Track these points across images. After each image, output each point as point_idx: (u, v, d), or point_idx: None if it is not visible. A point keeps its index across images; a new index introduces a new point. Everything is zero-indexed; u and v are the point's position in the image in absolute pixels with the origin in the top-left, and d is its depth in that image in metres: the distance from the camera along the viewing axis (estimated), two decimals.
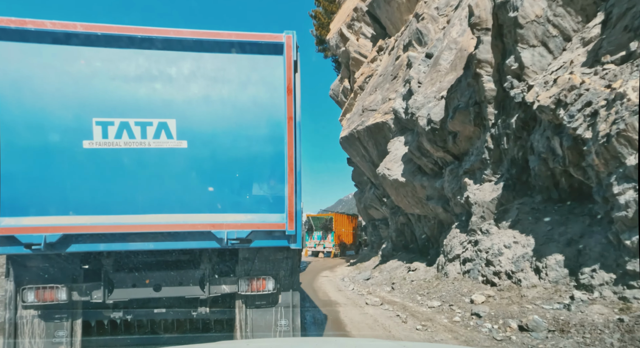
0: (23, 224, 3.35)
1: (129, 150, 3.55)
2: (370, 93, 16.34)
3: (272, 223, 3.75)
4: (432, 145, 10.00)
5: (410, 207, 12.36)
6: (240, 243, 3.69)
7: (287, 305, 4.13)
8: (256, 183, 3.79)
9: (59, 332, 3.72)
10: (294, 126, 3.83)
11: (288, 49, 3.85)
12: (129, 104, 3.59)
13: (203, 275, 3.95)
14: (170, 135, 3.63)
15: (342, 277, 13.93)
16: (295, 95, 3.88)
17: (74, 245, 3.45)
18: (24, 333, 3.65)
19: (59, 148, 3.44)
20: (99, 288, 3.75)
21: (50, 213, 3.42)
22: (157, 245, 3.60)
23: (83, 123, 3.49)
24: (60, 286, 3.62)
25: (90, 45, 3.57)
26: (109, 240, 3.51)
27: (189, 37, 3.71)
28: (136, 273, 3.86)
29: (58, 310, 3.71)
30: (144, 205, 3.58)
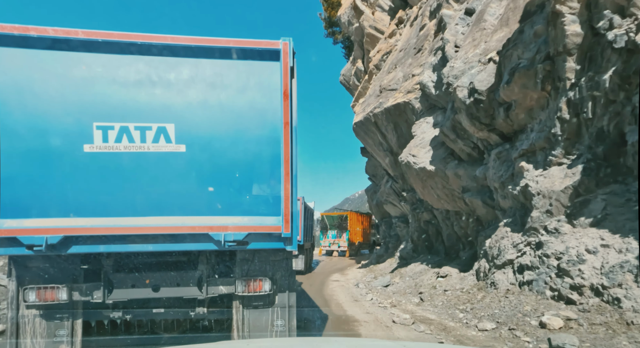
0: (25, 226, 3.43)
1: (128, 154, 3.63)
2: (388, 71, 14.46)
3: (268, 226, 3.83)
4: (473, 122, 8.08)
5: (438, 202, 10.66)
6: (237, 246, 3.77)
7: (284, 305, 4.21)
8: (253, 187, 3.87)
9: (59, 331, 3.80)
10: (290, 131, 3.91)
11: (285, 55, 3.93)
12: (128, 109, 3.67)
13: (201, 276, 4.04)
14: (169, 140, 3.71)
15: (355, 281, 12.82)
16: (292, 100, 3.97)
17: (75, 247, 3.54)
18: (25, 333, 3.73)
19: (60, 151, 3.53)
20: (99, 289, 3.83)
21: (51, 215, 3.50)
22: (156, 246, 3.68)
23: (84, 127, 3.57)
24: (61, 286, 3.70)
25: (91, 51, 3.65)
26: (109, 242, 3.60)
27: (187, 44, 3.79)
28: (135, 274, 3.94)
29: (59, 310, 3.79)
30: (143, 207, 3.66)
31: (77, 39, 3.61)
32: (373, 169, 19.80)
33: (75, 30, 3.63)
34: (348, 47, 23.37)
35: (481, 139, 8.47)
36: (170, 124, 3.73)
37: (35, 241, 3.40)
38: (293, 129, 3.94)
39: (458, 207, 10.08)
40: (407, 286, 9.78)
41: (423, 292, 8.53)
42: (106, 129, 3.61)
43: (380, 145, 14.51)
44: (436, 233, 12.23)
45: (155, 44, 3.73)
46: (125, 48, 3.70)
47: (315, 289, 11.07)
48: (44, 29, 3.58)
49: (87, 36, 3.63)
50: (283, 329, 4.16)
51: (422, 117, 11.21)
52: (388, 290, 10.01)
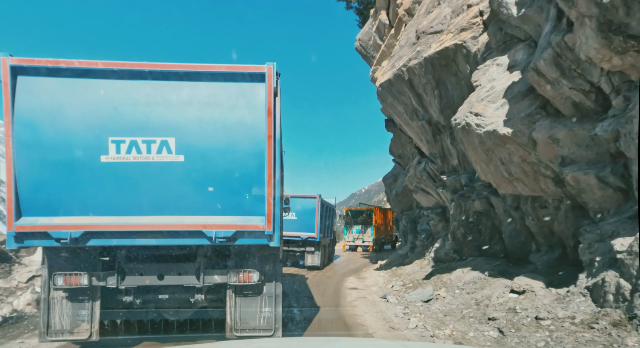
0: (54, 222, 4.21)
1: (136, 164, 4.36)
2: (428, 11, 11.28)
3: (253, 225, 4.46)
4: (610, 38, 4.60)
5: (508, 183, 7.37)
6: (227, 241, 4.42)
7: (271, 295, 4.83)
8: (241, 191, 4.52)
9: (82, 311, 4.57)
10: (273, 143, 4.54)
11: (269, 78, 4.57)
12: (137, 125, 4.40)
13: (199, 267, 4.72)
14: (170, 151, 4.42)
15: (378, 289, 10.31)
16: (275, 116, 4.60)
17: (93, 240, 4.30)
18: (54, 311, 4.52)
19: (82, 162, 4.29)
20: (113, 276, 4.58)
21: (74, 214, 4.27)
22: (158, 241, 4.39)
23: (101, 141, 4.32)
24: (82, 273, 4.47)
25: (107, 78, 4.42)
26: (120, 237, 4.33)
27: (186, 70, 4.50)
28: (143, 264, 4.67)
29: (81, 293, 4.57)
30: (148, 208, 4.38)
31: (97, 69, 4.38)
32: (400, 148, 15.81)
33: (95, 62, 4.41)
34: (362, 13, 20.23)
35: (614, 73, 5.07)
36: (172, 137, 4.44)
37: (62, 235, 4.18)
38: (275, 141, 4.57)
39: (542, 190, 6.97)
40: (462, 304, 6.81)
41: (497, 318, 5.63)
42: (119, 143, 4.35)
43: (414, 113, 11.17)
44: (492, 228, 9.18)
45: (159, 70, 4.46)
46: (134, 74, 4.45)
47: (328, 301, 8.59)
48: (70, 61, 4.37)
49: (104, 66, 4.39)
50: (270, 315, 4.78)
51: (490, 58, 7.90)
52: (434, 309, 6.99)
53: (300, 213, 14.25)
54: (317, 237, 14.39)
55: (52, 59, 4.34)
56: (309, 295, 9.28)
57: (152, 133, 4.42)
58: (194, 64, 4.53)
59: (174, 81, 4.52)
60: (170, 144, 4.43)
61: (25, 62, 4.27)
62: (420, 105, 10.81)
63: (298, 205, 13.88)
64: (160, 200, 4.41)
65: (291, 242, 14.55)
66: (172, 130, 4.45)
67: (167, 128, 4.44)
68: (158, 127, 4.43)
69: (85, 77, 4.39)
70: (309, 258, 14.69)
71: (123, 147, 4.36)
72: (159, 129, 4.43)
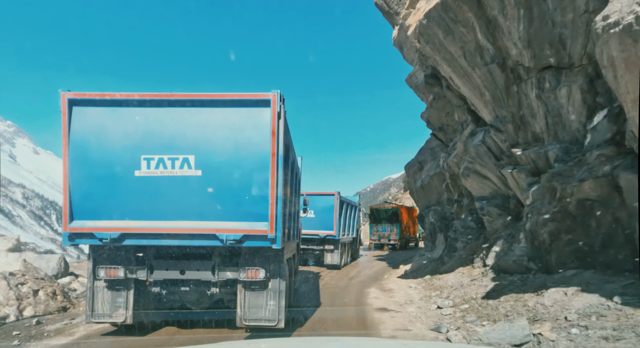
0: (97, 225, 5.19)
1: (163, 177, 5.26)
2: None
3: (258, 229, 5.23)
4: None
5: None
6: (236, 243, 5.22)
7: (275, 290, 5.56)
8: (248, 200, 5.30)
9: (119, 299, 5.52)
10: (276, 160, 5.29)
11: (273, 103, 5.34)
12: (164, 145, 5.31)
13: (214, 265, 5.54)
14: (190, 166, 5.28)
15: (418, 311, 7.36)
16: (279, 136, 5.36)
17: (127, 240, 5.23)
18: (97, 298, 5.50)
19: (119, 175, 5.25)
20: (143, 270, 5.49)
21: (113, 218, 5.23)
22: (180, 242, 5.26)
23: (135, 159, 5.26)
24: (119, 267, 5.41)
25: (141, 106, 5.37)
26: (149, 238, 5.24)
27: (205, 98, 5.37)
28: (168, 261, 5.56)
29: (118, 284, 5.52)
30: (171, 214, 5.26)
31: (133, 99, 5.34)
32: (443, 117, 11.81)
33: (132, 94, 5.38)
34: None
35: None
36: (192, 155, 5.30)
37: (103, 236, 5.15)
38: (278, 158, 5.32)
39: None
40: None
41: None
42: (149, 160, 5.27)
43: (478, 54, 7.88)
44: (611, 225, 6.05)
45: (182, 99, 5.36)
46: (163, 103, 5.37)
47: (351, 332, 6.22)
48: (112, 94, 5.37)
49: (139, 97, 5.35)
50: (274, 308, 5.50)
51: None
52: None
53: (319, 210, 13.65)
54: (336, 235, 14.11)
55: (99, 92, 5.36)
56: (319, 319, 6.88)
57: (176, 151, 5.31)
58: (211, 93, 5.39)
59: (194, 108, 5.40)
60: (190, 160, 5.29)
61: (78, 96, 5.31)
62: (489, 40, 7.52)
63: (316, 202, 13.31)
64: (181, 208, 5.28)
65: (309, 240, 14.02)
66: (192, 148, 5.32)
67: (188, 147, 5.32)
68: (181, 146, 5.32)
69: (123, 106, 5.37)
70: (328, 256, 14.47)
71: (152, 164, 5.27)
72: (182, 148, 5.31)
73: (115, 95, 5.34)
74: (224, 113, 5.40)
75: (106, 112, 5.36)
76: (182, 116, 5.38)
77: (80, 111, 5.32)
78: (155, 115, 5.38)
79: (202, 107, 5.40)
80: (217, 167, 5.31)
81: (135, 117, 5.37)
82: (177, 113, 5.38)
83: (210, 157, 5.32)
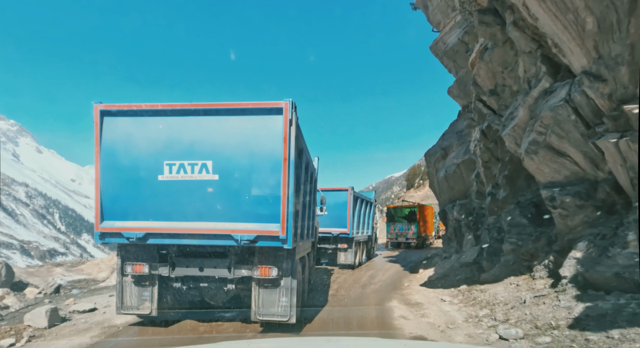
0: (125, 226, 5.68)
1: (183, 181, 5.68)
2: None
3: (270, 230, 5.57)
4: None
5: None
6: (249, 243, 5.58)
7: (287, 287, 5.89)
8: (262, 203, 5.65)
9: (144, 293, 6.00)
10: (288, 165, 5.62)
11: (285, 111, 5.66)
12: (184, 151, 5.73)
13: (230, 263, 5.93)
14: (208, 171, 5.68)
15: None
16: (290, 143, 5.68)
17: (151, 239, 5.70)
18: (125, 292, 6.00)
19: (145, 179, 5.71)
20: (166, 267, 5.95)
21: (139, 219, 5.71)
22: (198, 241, 5.68)
23: (158, 164, 5.71)
24: (144, 264, 5.89)
25: (164, 115, 5.81)
26: (170, 237, 5.68)
27: (221, 107, 5.76)
28: (189, 259, 5.99)
29: (144, 279, 6.00)
30: (191, 215, 5.68)
31: (157, 109, 5.80)
32: (498, 74, 8.89)
33: (156, 104, 5.83)
34: None
35: None
36: (210, 160, 5.71)
37: (130, 235, 5.63)
38: (290, 163, 5.64)
39: None
40: None
41: None
42: (171, 165, 5.71)
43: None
44: None
45: (201, 108, 5.77)
46: (183, 112, 5.79)
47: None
48: (139, 104, 5.84)
49: (163, 107, 5.80)
50: (286, 304, 5.84)
51: None
52: None
53: (331, 207, 12.46)
54: (350, 233, 13.49)
55: (126, 104, 5.85)
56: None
57: (196, 157, 5.72)
58: (228, 103, 5.76)
59: (212, 116, 5.80)
60: (208, 165, 5.70)
61: (109, 107, 5.81)
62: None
63: (328, 198, 12.05)
64: (200, 210, 5.69)
65: (321, 238, 13.19)
66: (210, 154, 5.72)
67: (206, 153, 5.72)
68: (200, 153, 5.72)
69: (148, 116, 5.83)
70: (341, 256, 13.94)
71: (174, 169, 5.71)
72: (200, 154, 5.72)
73: (141, 106, 5.80)
74: (240, 121, 5.77)
75: (133, 122, 5.84)
76: (200, 124, 5.79)
77: (111, 121, 5.83)
78: (176, 124, 5.81)
79: (219, 116, 5.79)
80: (232, 171, 5.68)
81: (158, 126, 5.82)
82: (196, 121, 5.79)
83: (227, 162, 5.70)
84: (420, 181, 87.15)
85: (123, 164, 5.75)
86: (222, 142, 5.74)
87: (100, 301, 8.00)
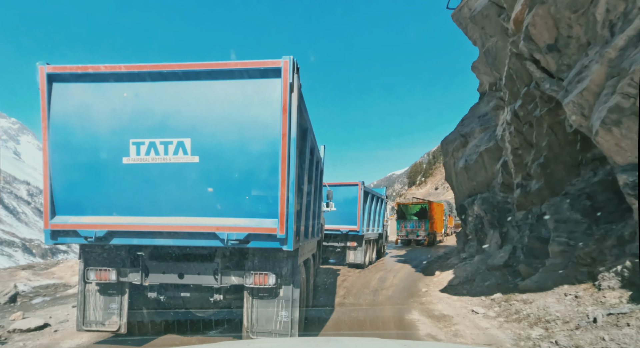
0: (82, 222, 4.46)
1: (154, 165, 4.42)
2: None
3: (266, 227, 4.30)
4: None
5: None
6: (239, 244, 4.32)
7: (288, 298, 4.65)
8: (254, 192, 4.37)
9: (112, 305, 4.82)
10: (288, 142, 4.30)
11: (285, 72, 4.33)
12: (156, 127, 4.45)
13: (216, 268, 4.70)
14: (185, 152, 4.41)
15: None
16: (291, 113, 4.35)
17: (115, 239, 4.47)
18: (88, 303, 4.82)
19: (106, 163, 4.46)
20: (138, 273, 4.74)
21: (100, 213, 4.48)
22: (175, 241, 4.43)
23: (123, 143, 4.45)
24: (111, 269, 4.69)
25: (129, 81, 4.52)
26: (140, 236, 4.45)
27: (202, 69, 4.43)
28: (165, 263, 4.77)
29: (111, 288, 4.81)
30: (165, 208, 4.43)
31: (119, 72, 4.50)
32: (558, 21, 6.53)
33: (118, 65, 4.53)
34: None
35: None
36: (187, 138, 4.42)
37: (88, 234, 4.42)
38: (290, 140, 4.32)
39: None
40: None
41: None
42: (139, 145, 4.44)
43: None
44: None
45: (175, 71, 4.44)
46: (153, 76, 4.48)
47: None
48: (97, 66, 4.54)
49: (127, 69, 4.49)
50: (286, 320, 4.61)
51: None
52: None
53: (340, 203, 12.01)
54: (360, 231, 12.73)
55: (81, 65, 4.55)
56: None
57: (169, 134, 4.44)
58: (210, 62, 4.44)
59: (191, 81, 4.48)
60: (186, 144, 4.42)
61: (59, 69, 4.53)
62: None
63: (337, 194, 11.71)
64: (176, 201, 4.44)
65: (330, 236, 12.75)
66: (188, 130, 4.43)
67: (183, 129, 4.43)
68: (175, 128, 4.44)
69: (109, 81, 4.54)
70: (350, 254, 13.17)
71: (142, 149, 4.44)
72: (176, 130, 4.44)
73: (100, 68, 4.51)
74: (226, 87, 4.45)
75: (90, 89, 4.56)
76: (176, 91, 4.49)
77: (62, 88, 4.56)
78: (145, 91, 4.52)
79: (200, 80, 4.47)
80: (216, 152, 4.40)
81: (122, 94, 4.53)
82: (170, 88, 4.49)
83: (209, 140, 4.41)
84: (422, 178, 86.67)
85: (78, 144, 4.50)
86: (204, 115, 4.44)
87: (59, 314, 6.65)
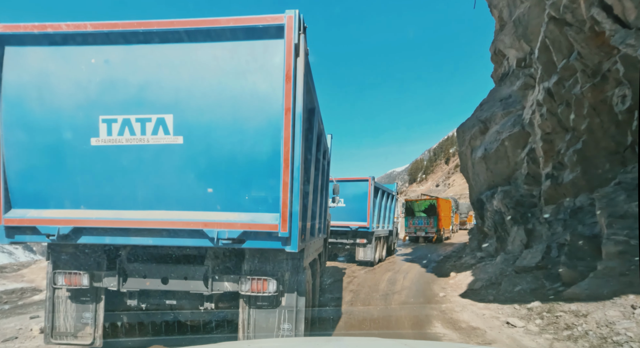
0: (43, 216, 3.66)
1: (130, 147, 3.59)
2: None
3: (264, 224, 3.47)
4: None
5: None
6: (232, 244, 3.51)
7: (291, 308, 3.87)
8: (251, 181, 3.54)
9: (85, 314, 4.07)
10: (293, 118, 3.44)
11: (289, 31, 3.45)
12: (131, 100, 3.61)
13: (207, 272, 3.91)
14: (167, 131, 3.57)
15: None
16: (296, 82, 3.49)
17: (83, 237, 3.68)
18: (58, 312, 4.07)
19: (71, 145, 3.64)
20: (114, 277, 3.97)
21: (65, 206, 3.68)
22: (155, 240, 3.63)
23: (91, 121, 3.62)
24: (82, 272, 3.92)
25: (98, 43, 3.66)
26: (113, 234, 3.65)
27: (188, 28, 3.55)
28: (146, 265, 3.99)
29: (83, 294, 4.05)
30: (143, 201, 3.62)
31: (86, 32, 3.63)
32: None
33: (84, 24, 3.66)
34: None
35: None
36: (169, 114, 3.58)
37: (50, 230, 3.62)
38: (296, 116, 3.47)
39: None
40: None
41: None
42: (110, 122, 3.61)
43: None
44: None
45: (154, 30, 3.57)
46: (126, 37, 3.62)
47: None
48: (58, 24, 3.68)
49: (94, 28, 3.62)
50: (290, 334, 3.83)
51: None
52: None
53: (350, 199, 11.94)
54: (370, 227, 12.30)
55: (38, 23, 3.69)
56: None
57: (148, 109, 3.60)
58: (197, 19, 3.56)
59: (173, 43, 3.61)
60: (167, 122, 3.58)
61: (11, 29, 3.68)
62: None
63: (346, 189, 11.64)
64: (156, 192, 3.62)
65: (339, 233, 12.46)
66: (170, 105, 3.58)
67: (164, 103, 3.59)
68: (154, 102, 3.60)
69: (74, 44, 3.68)
70: (360, 252, 12.71)
71: (115, 127, 3.61)
72: (155, 104, 3.59)
73: (61, 27, 3.64)
74: (216, 50, 3.58)
75: (50, 53, 3.70)
76: (155, 56, 3.62)
77: (15, 52, 3.71)
78: (118, 56, 3.66)
79: (184, 43, 3.60)
80: (205, 131, 3.56)
81: (90, 60, 3.68)
82: (148, 52, 3.63)
83: (196, 117, 3.57)
84: (422, 176, 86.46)
85: (37, 121, 3.68)
86: (189, 85, 3.59)
87: (10, 327, 5.65)
